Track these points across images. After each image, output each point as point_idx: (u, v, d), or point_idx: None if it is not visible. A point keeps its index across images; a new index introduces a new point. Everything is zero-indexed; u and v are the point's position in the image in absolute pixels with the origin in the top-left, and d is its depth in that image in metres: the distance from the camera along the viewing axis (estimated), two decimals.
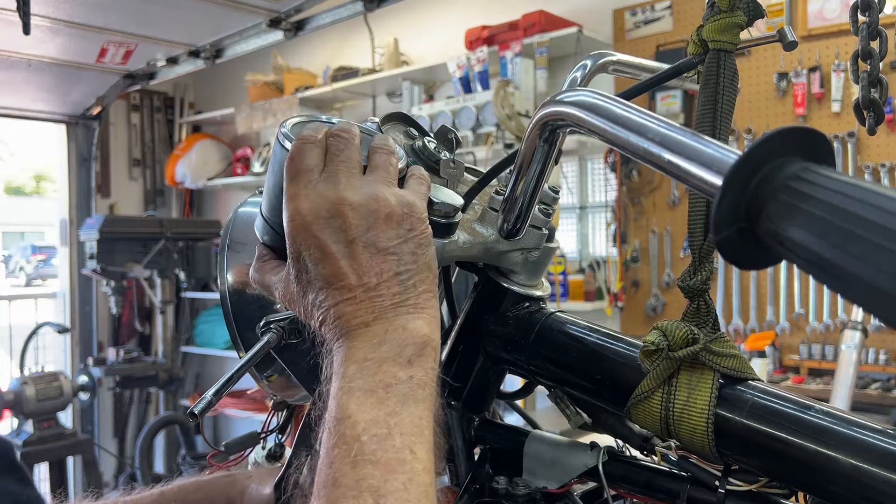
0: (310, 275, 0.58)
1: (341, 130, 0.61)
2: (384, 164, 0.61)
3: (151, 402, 5.08)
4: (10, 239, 26.89)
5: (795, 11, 3.00)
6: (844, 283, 0.35)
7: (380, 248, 0.57)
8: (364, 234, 0.57)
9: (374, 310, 0.57)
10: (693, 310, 0.64)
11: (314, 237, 0.57)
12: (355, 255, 0.57)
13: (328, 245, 0.57)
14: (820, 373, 2.95)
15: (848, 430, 0.54)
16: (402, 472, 0.51)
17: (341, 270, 0.57)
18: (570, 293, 3.41)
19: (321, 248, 0.57)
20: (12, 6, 2.38)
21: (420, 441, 0.53)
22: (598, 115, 0.54)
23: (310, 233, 0.57)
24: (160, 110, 5.40)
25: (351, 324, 0.57)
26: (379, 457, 0.51)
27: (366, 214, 0.57)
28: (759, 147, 0.38)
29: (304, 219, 0.57)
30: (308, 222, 0.57)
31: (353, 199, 0.57)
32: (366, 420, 0.52)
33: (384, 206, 0.58)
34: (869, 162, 2.89)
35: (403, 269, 0.58)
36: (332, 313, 0.57)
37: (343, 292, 0.57)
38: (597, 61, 0.81)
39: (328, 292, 0.57)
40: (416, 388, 0.55)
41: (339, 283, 0.57)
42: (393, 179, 0.61)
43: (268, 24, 3.32)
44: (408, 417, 0.53)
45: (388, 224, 0.58)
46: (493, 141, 3.35)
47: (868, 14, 0.85)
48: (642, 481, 0.67)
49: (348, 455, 0.51)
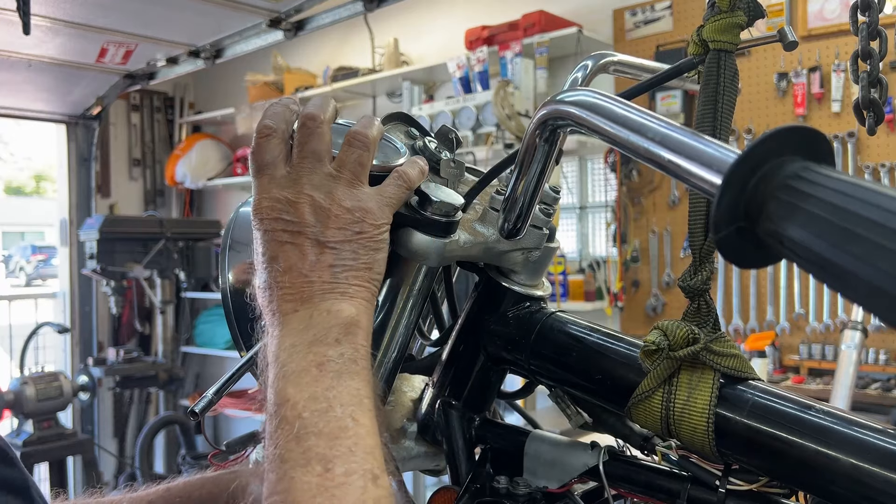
0: (259, 255, 0.61)
1: (307, 119, 0.62)
2: (352, 162, 0.62)
3: (151, 402, 5.08)
4: (10, 239, 26.89)
5: (795, 11, 3.00)
6: (844, 283, 0.35)
7: (321, 241, 0.60)
8: (311, 227, 0.59)
9: (303, 295, 0.59)
10: (693, 310, 0.64)
11: (266, 224, 0.60)
12: (298, 243, 0.59)
13: (277, 232, 0.60)
14: (820, 373, 2.95)
15: (848, 430, 0.54)
16: (346, 437, 0.52)
17: (282, 253, 0.59)
18: (571, 293, 3.41)
19: (270, 233, 0.60)
20: (12, 6, 2.38)
21: (360, 409, 0.55)
22: (599, 115, 0.54)
23: (264, 220, 0.60)
24: (160, 110, 5.40)
25: (282, 309, 0.59)
26: (321, 427, 0.52)
27: (317, 211, 0.60)
28: (758, 146, 0.38)
29: (262, 210, 0.60)
30: (265, 213, 0.60)
31: (310, 197, 0.60)
32: (304, 398, 0.54)
33: (336, 207, 0.60)
34: (869, 162, 2.89)
35: (339, 262, 0.60)
36: (267, 296, 0.60)
37: (278, 274, 0.59)
38: (597, 61, 0.81)
39: (269, 273, 0.60)
40: (348, 363, 0.56)
41: (276, 265, 0.60)
42: (358, 178, 0.62)
43: (268, 24, 3.32)
44: (345, 390, 0.55)
45: (337, 222, 0.60)
46: (493, 141, 3.35)
47: (868, 14, 0.85)
48: (643, 481, 0.67)
49: (291, 432, 0.52)
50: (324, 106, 0.63)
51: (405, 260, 0.70)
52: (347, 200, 0.60)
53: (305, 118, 0.62)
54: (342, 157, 0.62)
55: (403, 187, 0.64)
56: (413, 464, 0.81)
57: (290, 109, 0.63)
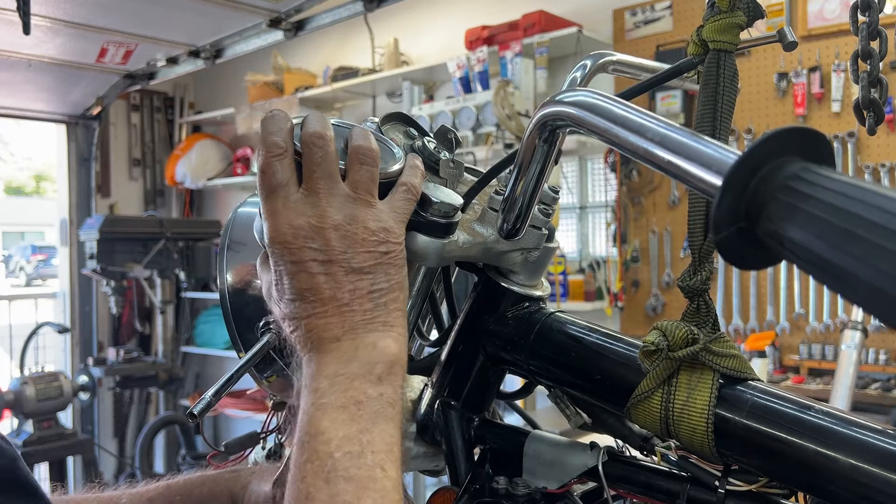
0: (285, 286, 0.59)
1: (316, 138, 0.59)
2: (366, 181, 0.60)
3: (151, 402, 5.08)
4: (10, 239, 26.90)
5: (795, 11, 3.00)
6: (844, 284, 0.35)
7: (355, 267, 0.58)
8: (341, 254, 0.58)
9: (345, 325, 0.58)
10: (693, 310, 0.64)
11: (293, 254, 0.58)
12: (331, 272, 0.58)
13: (306, 263, 0.58)
14: (820, 373, 2.95)
15: (848, 430, 0.54)
16: (375, 489, 0.52)
17: (316, 286, 0.58)
18: (570, 293, 3.41)
19: (299, 265, 0.58)
20: (12, 6, 2.38)
21: (390, 459, 0.54)
22: (598, 115, 0.54)
23: (289, 250, 0.58)
24: (160, 110, 5.40)
25: (322, 337, 0.58)
26: (352, 474, 0.52)
27: (344, 237, 0.58)
28: (758, 147, 0.38)
29: (283, 237, 0.58)
30: (287, 241, 0.58)
31: (334, 222, 0.58)
32: (339, 437, 0.53)
33: (362, 231, 0.58)
34: (869, 162, 2.89)
35: (376, 287, 0.59)
36: (304, 325, 0.58)
37: (315, 305, 0.58)
38: (597, 61, 0.81)
39: (301, 305, 0.58)
40: (386, 406, 0.56)
41: (312, 296, 0.58)
42: (373, 196, 0.61)
43: (268, 24, 3.32)
44: (379, 435, 0.55)
45: (365, 246, 0.59)
46: (493, 141, 3.35)
47: (868, 14, 0.85)
48: (642, 481, 0.67)
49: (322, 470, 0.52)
50: (324, 122, 0.61)
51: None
52: (371, 222, 0.59)
53: (313, 137, 0.59)
54: (354, 176, 0.60)
55: (412, 199, 0.63)
56: (412, 464, 0.81)
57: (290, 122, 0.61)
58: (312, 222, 0.58)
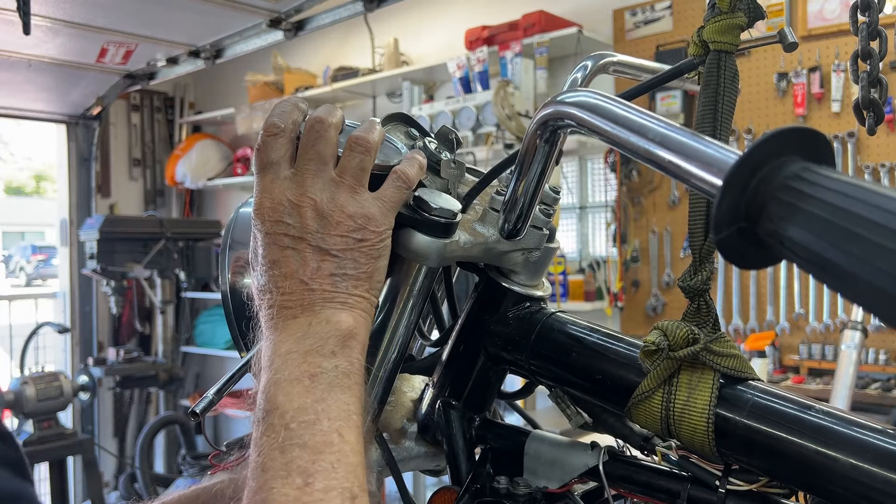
0: (259, 256, 0.61)
1: (316, 122, 0.62)
2: (354, 168, 0.62)
3: (151, 402, 5.08)
4: (10, 239, 26.88)
5: (795, 11, 3.00)
6: (844, 283, 0.35)
7: (323, 248, 0.59)
8: (313, 233, 0.59)
9: (304, 302, 0.59)
10: (693, 310, 0.64)
11: (268, 226, 0.60)
12: (299, 248, 0.59)
13: (279, 236, 0.60)
14: (820, 373, 2.95)
15: (848, 430, 0.54)
16: (330, 452, 0.52)
17: (283, 258, 0.59)
18: (570, 293, 3.41)
19: (272, 236, 0.60)
20: (12, 6, 2.39)
21: (348, 425, 0.55)
22: (599, 116, 0.54)
23: (266, 222, 0.60)
24: (160, 110, 5.40)
25: (280, 314, 0.59)
26: (307, 440, 0.52)
27: (320, 217, 0.59)
28: (758, 147, 0.38)
29: (264, 210, 0.60)
30: (266, 213, 0.60)
31: (312, 200, 0.60)
32: (293, 408, 0.54)
33: (339, 214, 0.60)
34: (869, 162, 2.89)
35: (340, 271, 0.60)
36: (267, 300, 0.60)
37: (278, 280, 0.59)
38: (597, 62, 0.81)
39: (268, 276, 0.60)
40: (341, 377, 0.56)
41: (277, 270, 0.59)
42: (360, 183, 0.62)
43: (268, 24, 3.32)
44: (335, 403, 0.55)
45: (339, 229, 0.60)
46: (493, 141, 3.35)
47: (868, 14, 0.85)
48: (643, 481, 0.67)
49: (276, 441, 0.52)
50: (332, 111, 0.63)
51: (405, 260, 0.70)
52: (350, 206, 0.60)
53: (314, 121, 0.62)
54: (344, 162, 0.62)
55: (403, 188, 0.63)
56: (413, 464, 0.81)
57: (299, 109, 0.63)
58: (292, 198, 0.60)
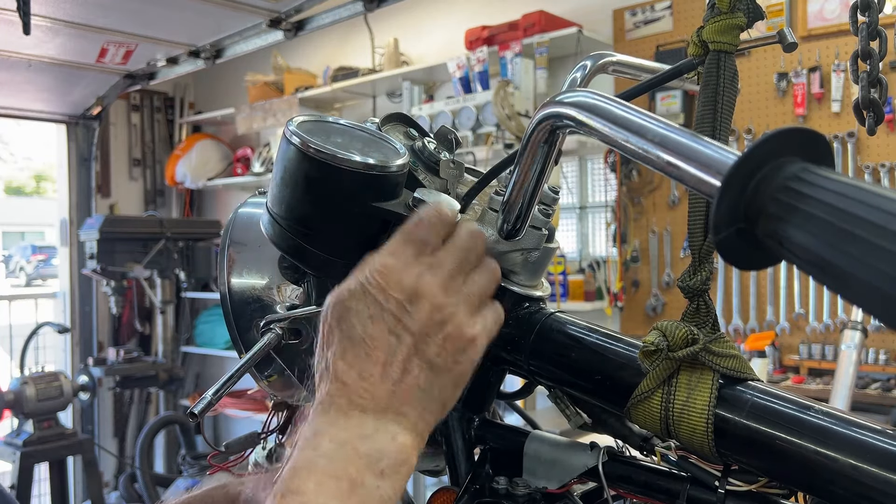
0: (346, 323, 0.55)
1: (475, 235, 0.60)
2: (484, 286, 0.59)
3: (151, 402, 5.08)
4: (10, 239, 26.89)
5: (795, 12, 3.00)
6: (843, 284, 0.35)
7: (426, 356, 0.55)
8: (422, 332, 0.54)
9: (379, 403, 0.54)
10: (693, 310, 0.64)
11: (383, 294, 0.54)
12: (402, 341, 0.54)
13: (390, 314, 0.54)
14: (820, 373, 2.95)
15: (848, 431, 0.54)
16: None
17: (379, 341, 0.54)
18: (570, 293, 3.41)
19: (381, 308, 0.54)
20: (12, 6, 2.39)
21: None
22: (598, 116, 0.54)
23: (383, 290, 0.54)
24: (160, 110, 5.40)
25: (349, 398, 0.53)
26: None
27: (437, 322, 0.55)
28: (757, 148, 0.38)
29: (387, 278, 0.54)
30: (387, 283, 0.54)
31: (441, 300, 0.55)
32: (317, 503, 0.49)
33: (456, 328, 0.55)
34: (869, 162, 2.89)
35: (427, 388, 0.55)
36: (340, 375, 0.54)
37: (365, 364, 0.54)
38: (596, 62, 0.81)
39: (351, 351, 0.54)
40: (377, 501, 0.51)
41: (367, 349, 0.54)
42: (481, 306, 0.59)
43: (268, 24, 3.32)
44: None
45: (447, 343, 0.55)
46: (493, 141, 3.35)
47: (868, 14, 0.85)
48: (642, 481, 0.67)
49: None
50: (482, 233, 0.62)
51: None
52: (467, 327, 0.56)
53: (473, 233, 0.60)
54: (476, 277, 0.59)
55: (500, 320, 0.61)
56: None
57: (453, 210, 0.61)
58: (423, 287, 0.55)
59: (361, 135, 0.67)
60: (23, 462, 3.51)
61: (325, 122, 0.67)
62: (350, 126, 0.66)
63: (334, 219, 0.64)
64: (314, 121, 0.66)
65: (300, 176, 0.62)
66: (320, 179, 0.62)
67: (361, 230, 0.65)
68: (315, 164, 0.61)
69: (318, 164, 0.61)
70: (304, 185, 0.62)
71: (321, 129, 0.65)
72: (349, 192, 0.63)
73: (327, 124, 0.66)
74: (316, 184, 0.62)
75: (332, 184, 0.62)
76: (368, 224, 0.65)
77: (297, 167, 0.63)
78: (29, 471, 3.53)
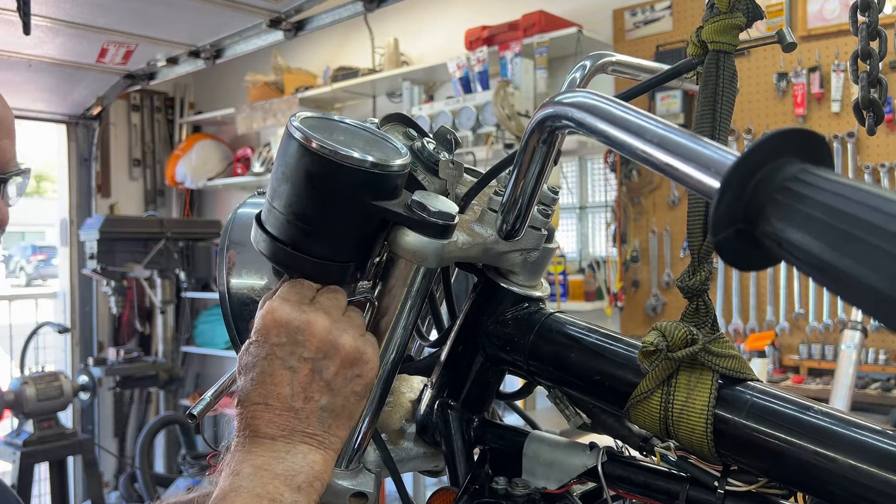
0: (252, 360, 0.62)
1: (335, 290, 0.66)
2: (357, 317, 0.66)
3: (151, 402, 5.08)
4: (10, 239, 26.86)
5: (795, 11, 3.00)
6: (842, 285, 0.35)
7: (324, 378, 0.62)
8: (320, 359, 0.61)
9: (286, 429, 0.61)
10: (692, 310, 0.64)
11: (275, 336, 0.61)
12: (298, 371, 0.61)
13: (282, 353, 0.61)
14: (820, 373, 2.95)
15: (847, 431, 0.54)
16: None
17: (278, 378, 0.61)
18: (570, 293, 3.41)
19: (274, 347, 0.61)
20: (12, 6, 2.39)
21: None
22: (597, 117, 0.54)
23: (273, 330, 0.61)
24: (160, 110, 5.40)
25: (260, 430, 0.61)
26: None
27: (328, 344, 0.62)
28: (756, 149, 0.38)
29: (274, 317, 0.62)
30: (277, 322, 0.61)
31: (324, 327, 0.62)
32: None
33: (343, 347, 0.62)
34: (869, 162, 2.89)
35: (330, 407, 0.62)
36: (250, 411, 0.61)
37: (269, 398, 0.61)
38: (596, 62, 0.81)
39: (258, 389, 0.61)
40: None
41: (269, 386, 0.61)
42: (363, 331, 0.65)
43: (268, 24, 3.32)
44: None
45: (342, 363, 0.62)
46: (493, 141, 3.35)
47: (868, 14, 0.85)
48: (641, 482, 0.67)
49: None
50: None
51: (403, 261, 0.70)
52: (351, 342, 0.63)
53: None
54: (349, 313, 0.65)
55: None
56: (412, 465, 0.81)
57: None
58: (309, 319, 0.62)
59: (364, 134, 0.67)
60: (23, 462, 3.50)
61: (329, 119, 0.67)
62: (353, 125, 0.66)
63: (333, 215, 0.64)
64: (317, 117, 0.66)
65: (301, 171, 0.62)
66: (321, 175, 0.62)
67: (359, 229, 0.65)
68: (317, 159, 0.61)
69: (320, 160, 0.61)
70: (305, 180, 0.62)
71: (324, 126, 0.65)
72: (349, 190, 0.63)
73: (330, 122, 0.66)
74: (317, 179, 0.62)
75: (332, 180, 0.62)
76: (367, 223, 0.64)
77: (298, 162, 0.62)
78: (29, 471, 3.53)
